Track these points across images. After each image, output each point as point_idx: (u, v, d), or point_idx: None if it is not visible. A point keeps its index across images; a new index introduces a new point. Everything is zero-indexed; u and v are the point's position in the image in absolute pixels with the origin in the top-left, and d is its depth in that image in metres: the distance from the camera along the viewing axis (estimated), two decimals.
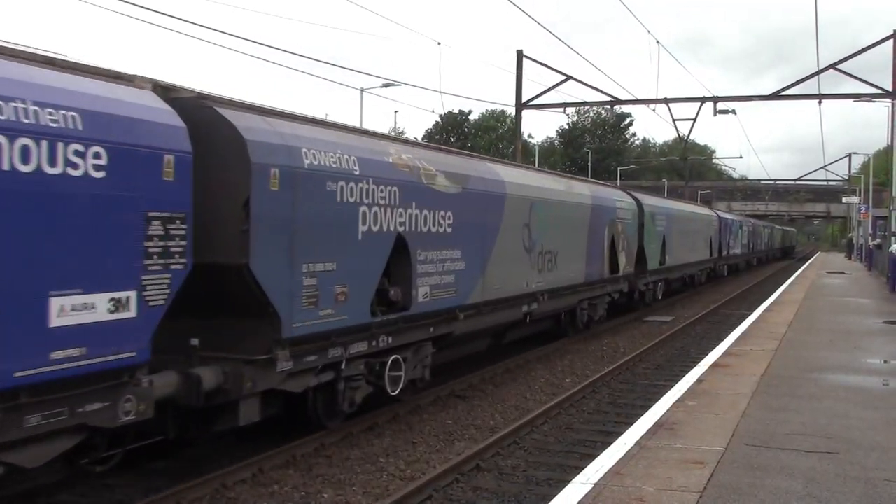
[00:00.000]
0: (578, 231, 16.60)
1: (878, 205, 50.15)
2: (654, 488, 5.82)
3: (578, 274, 16.49)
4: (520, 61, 30.40)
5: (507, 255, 12.75)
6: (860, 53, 27.43)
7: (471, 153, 14.42)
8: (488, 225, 12.16)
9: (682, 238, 27.87)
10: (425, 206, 10.12)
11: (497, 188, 12.55)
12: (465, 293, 11.29)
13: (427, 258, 10.22)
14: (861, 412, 8.41)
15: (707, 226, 34.37)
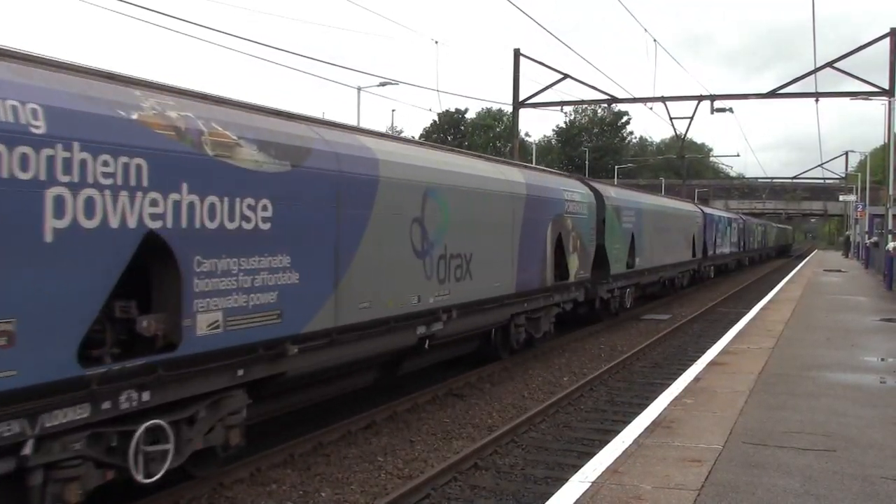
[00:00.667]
0: (506, 228, 13.14)
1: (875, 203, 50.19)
2: (651, 486, 5.82)
3: (507, 283, 13.16)
4: (517, 60, 30.41)
5: (383, 260, 9.41)
6: (857, 51, 27.47)
7: (323, 120, 9.71)
8: (346, 220, 8.64)
9: (656, 236, 24.41)
10: (211, 190, 6.82)
11: (363, 168, 9.04)
12: (299, 317, 7.93)
13: (217, 269, 6.87)
14: (858, 410, 8.42)
15: (689, 223, 30.75)
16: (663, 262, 25.59)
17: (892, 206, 33.30)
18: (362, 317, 9.03)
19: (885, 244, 28.91)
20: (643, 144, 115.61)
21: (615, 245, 19.57)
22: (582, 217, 16.93)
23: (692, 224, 31.34)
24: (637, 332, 19.54)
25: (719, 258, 39.10)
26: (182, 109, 6.85)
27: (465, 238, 11.59)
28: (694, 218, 32.08)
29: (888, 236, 30.80)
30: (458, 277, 11.41)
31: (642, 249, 22.22)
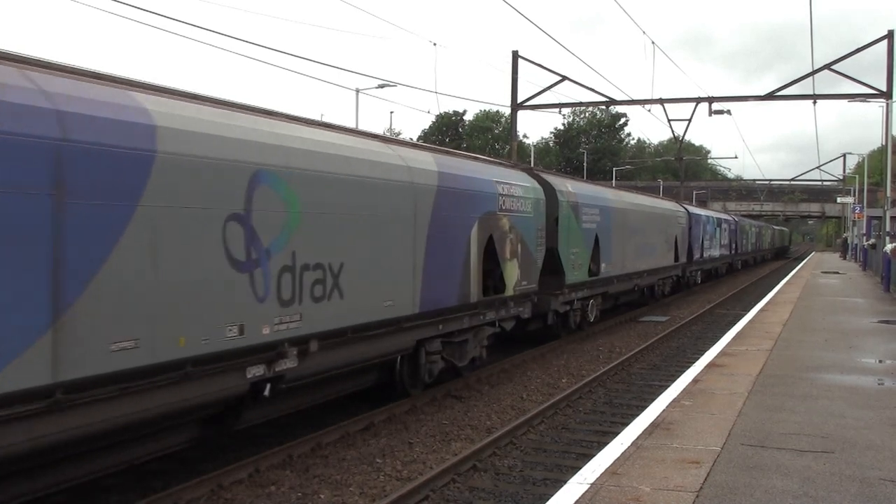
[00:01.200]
0: (403, 229, 10.12)
1: (873, 205, 50.29)
2: (650, 488, 5.83)
3: (404, 300, 10.16)
4: (515, 62, 30.42)
5: (162, 278, 6.51)
6: (854, 54, 27.51)
7: (52, 63, 6.31)
8: (80, 217, 5.85)
9: (628, 238, 21.30)
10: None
11: (121, 137, 6.18)
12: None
13: None
14: (856, 411, 8.44)
15: (669, 223, 27.23)
16: (637, 268, 22.42)
17: (889, 208, 33.35)
18: (119, 364, 6.13)
19: (883, 246, 28.95)
20: (641, 146, 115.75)
21: (572, 249, 16.69)
22: (525, 216, 13.95)
23: (673, 225, 27.95)
24: (635, 334, 19.55)
25: (707, 262, 35.32)
26: None
27: (329, 242, 8.58)
28: (676, 218, 28.66)
29: (886, 238, 30.85)
30: (316, 297, 8.35)
31: (609, 253, 19.34)
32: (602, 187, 22.33)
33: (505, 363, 14.32)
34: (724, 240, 40.54)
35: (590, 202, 18.19)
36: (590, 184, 22.14)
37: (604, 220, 18.98)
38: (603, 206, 19.11)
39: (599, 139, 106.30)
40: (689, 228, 30.44)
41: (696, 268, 33.13)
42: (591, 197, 18.52)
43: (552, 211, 15.68)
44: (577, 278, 17.04)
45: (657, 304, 26.48)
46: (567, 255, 16.35)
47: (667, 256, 26.94)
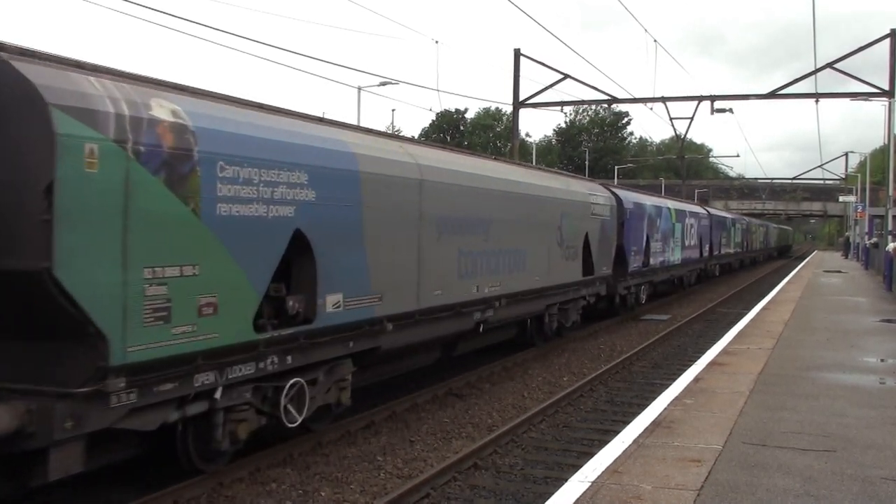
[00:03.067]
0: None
1: (875, 204, 50.22)
2: (651, 486, 5.82)
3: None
4: (517, 60, 30.42)
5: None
6: (857, 52, 27.49)
7: None
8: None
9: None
10: None
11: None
12: None
13: None
14: (858, 410, 8.42)
15: (561, 217, 16.37)
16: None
17: (891, 207, 33.31)
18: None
19: (885, 245, 28.92)
20: (643, 145, 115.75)
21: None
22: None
23: (570, 219, 22.89)
24: (637, 333, 19.54)
25: (656, 272, 24.37)
26: None
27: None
28: (587, 206, 20.02)
29: (888, 237, 30.81)
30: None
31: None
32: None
33: (507, 361, 14.32)
34: (692, 240, 30.04)
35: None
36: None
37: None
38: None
39: (601, 137, 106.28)
40: (620, 224, 20.52)
41: (635, 283, 22.36)
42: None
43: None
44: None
45: (654, 304, 26.46)
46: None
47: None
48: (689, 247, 29.18)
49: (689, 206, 31.61)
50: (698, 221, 31.71)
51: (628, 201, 21.02)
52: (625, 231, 20.25)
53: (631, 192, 23.97)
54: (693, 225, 30.25)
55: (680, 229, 27.56)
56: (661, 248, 24.63)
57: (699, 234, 31.84)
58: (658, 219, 24.03)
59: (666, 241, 25.35)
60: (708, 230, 34.14)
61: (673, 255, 26.53)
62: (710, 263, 36.44)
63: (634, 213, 21.31)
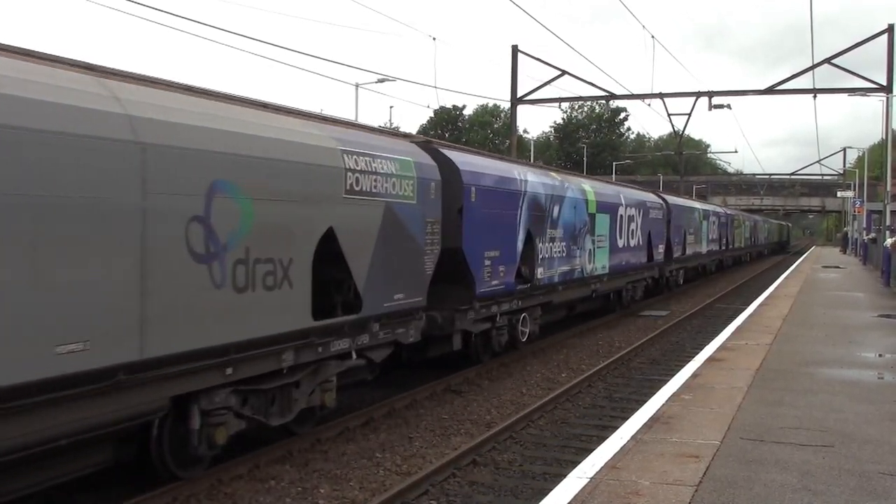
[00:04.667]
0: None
1: (873, 199, 50.24)
2: (649, 482, 5.83)
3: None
4: (515, 56, 30.40)
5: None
6: (855, 48, 27.49)
7: None
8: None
9: None
10: None
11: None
12: None
13: None
14: (856, 406, 8.44)
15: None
16: None
17: (889, 202, 33.33)
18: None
19: (883, 240, 28.95)
20: (641, 141, 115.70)
21: None
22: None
23: None
24: (635, 329, 19.56)
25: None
26: None
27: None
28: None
29: (886, 233, 30.84)
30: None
31: None
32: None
33: (504, 358, 14.32)
34: (637, 238, 21.69)
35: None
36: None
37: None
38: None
39: (599, 134, 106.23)
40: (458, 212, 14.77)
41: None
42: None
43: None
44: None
45: (654, 300, 26.46)
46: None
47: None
48: (625, 248, 20.18)
49: (633, 194, 22.75)
50: (641, 214, 21.95)
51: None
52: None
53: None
54: (633, 218, 21.20)
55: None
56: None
57: (645, 231, 22.43)
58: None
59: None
60: (662, 226, 24.81)
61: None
62: (670, 269, 26.57)
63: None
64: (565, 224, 15.69)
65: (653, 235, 23.19)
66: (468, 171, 12.02)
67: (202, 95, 7.59)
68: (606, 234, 18.63)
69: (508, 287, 13.28)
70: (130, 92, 6.51)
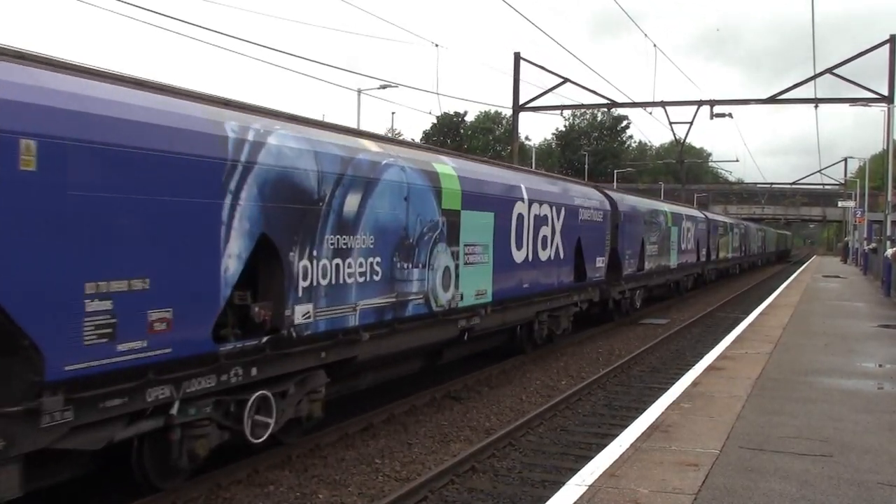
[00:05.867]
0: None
1: (874, 209, 50.24)
2: (648, 490, 5.83)
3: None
4: (517, 64, 30.46)
5: None
6: (857, 58, 27.53)
7: None
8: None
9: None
10: None
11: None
12: None
13: None
14: (856, 415, 8.44)
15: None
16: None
17: (890, 212, 33.34)
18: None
19: (884, 250, 28.95)
20: (643, 149, 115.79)
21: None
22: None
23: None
24: (635, 337, 19.55)
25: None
26: None
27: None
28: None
29: (886, 242, 30.84)
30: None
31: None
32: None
33: (505, 364, 14.32)
34: (554, 249, 15.68)
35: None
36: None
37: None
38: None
39: (601, 141, 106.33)
40: None
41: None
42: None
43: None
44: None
45: (652, 308, 26.45)
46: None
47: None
48: (528, 264, 14.04)
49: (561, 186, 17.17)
50: (563, 215, 15.74)
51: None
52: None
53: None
54: (548, 220, 15.05)
55: None
56: None
57: (571, 239, 16.27)
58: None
59: None
60: (602, 232, 18.52)
61: None
62: (619, 290, 20.25)
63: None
64: (376, 228, 9.33)
65: (586, 245, 17.14)
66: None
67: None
68: (488, 244, 12.35)
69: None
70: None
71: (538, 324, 15.25)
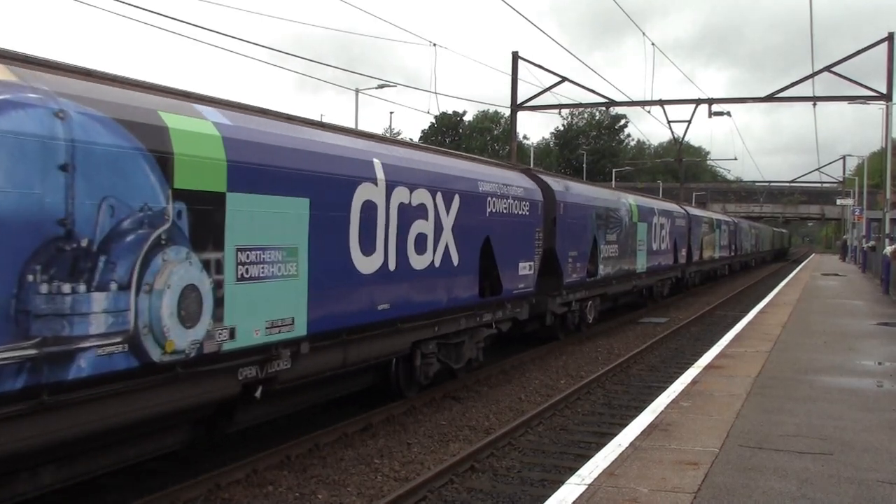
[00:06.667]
0: None
1: (873, 207, 50.28)
2: (648, 489, 5.82)
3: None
4: (515, 63, 30.40)
5: None
6: (855, 56, 27.50)
7: None
8: None
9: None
10: None
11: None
12: None
13: None
14: (855, 414, 8.43)
15: None
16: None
17: (889, 210, 33.35)
18: None
19: (882, 248, 28.95)
20: (641, 147, 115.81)
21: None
22: None
23: None
24: (634, 336, 19.54)
25: None
26: None
27: None
28: None
29: (885, 240, 30.85)
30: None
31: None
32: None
33: (504, 364, 14.32)
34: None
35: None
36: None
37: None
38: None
39: (599, 140, 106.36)
40: None
41: None
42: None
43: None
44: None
45: (656, 306, 26.44)
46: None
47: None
48: (429, 272, 10.72)
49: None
50: (466, 207, 11.65)
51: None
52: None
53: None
54: None
55: None
56: None
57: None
58: None
59: None
60: (528, 231, 13.97)
61: None
62: (565, 302, 16.51)
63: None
64: None
65: (501, 246, 12.67)
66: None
67: None
68: (297, 247, 8.03)
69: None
70: None
71: (421, 358, 11.05)
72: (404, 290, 10.07)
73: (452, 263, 11.22)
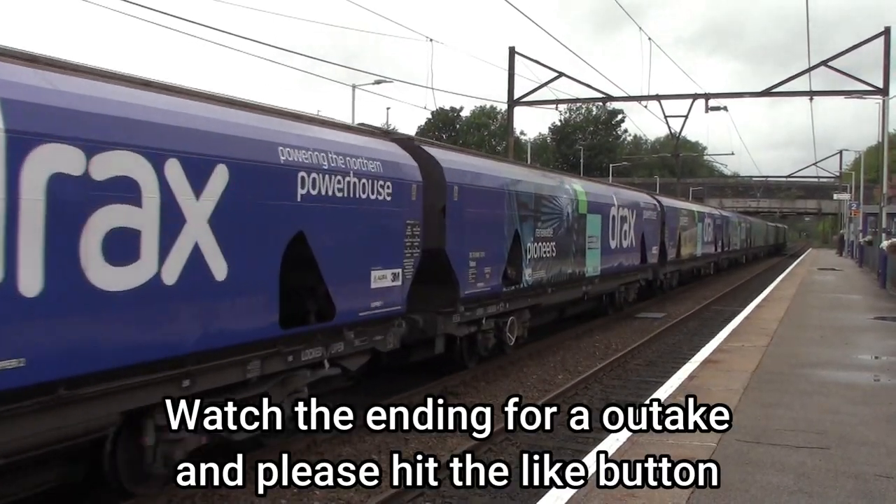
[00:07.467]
0: None
1: (870, 201, 50.32)
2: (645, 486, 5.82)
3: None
4: (512, 58, 30.40)
5: None
6: (851, 50, 27.53)
7: None
8: None
9: None
10: None
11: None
12: None
13: None
14: (852, 408, 8.44)
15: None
16: None
17: (885, 204, 33.39)
18: None
19: (879, 243, 28.99)
20: (638, 143, 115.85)
21: None
22: None
23: None
24: (631, 331, 19.55)
25: None
26: None
27: None
28: None
29: (882, 235, 30.89)
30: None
31: None
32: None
33: (502, 360, 14.30)
34: None
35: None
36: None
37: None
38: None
39: (596, 135, 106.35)
40: None
41: None
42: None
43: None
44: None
45: (653, 301, 26.46)
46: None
47: None
48: None
49: None
50: None
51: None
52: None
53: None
54: None
55: None
56: None
57: None
58: None
59: None
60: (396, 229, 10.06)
61: None
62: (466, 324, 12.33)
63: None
64: None
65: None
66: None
67: None
68: None
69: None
70: None
71: (157, 433, 6.91)
72: (74, 327, 5.75)
73: (212, 277, 7.01)
